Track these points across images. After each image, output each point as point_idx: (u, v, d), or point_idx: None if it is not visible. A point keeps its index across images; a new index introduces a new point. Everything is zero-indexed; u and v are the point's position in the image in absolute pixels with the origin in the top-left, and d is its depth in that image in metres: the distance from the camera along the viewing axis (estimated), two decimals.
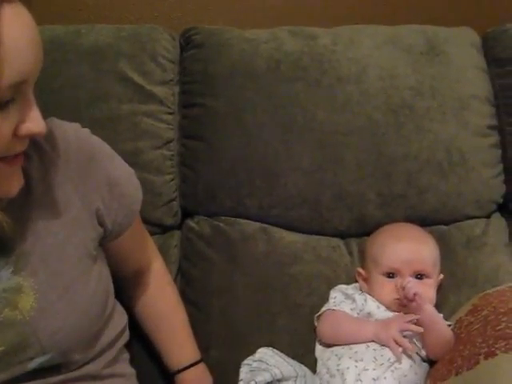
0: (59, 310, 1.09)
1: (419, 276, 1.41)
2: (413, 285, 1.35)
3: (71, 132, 1.16)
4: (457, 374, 1.17)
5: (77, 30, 1.58)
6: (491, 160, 1.59)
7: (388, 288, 1.40)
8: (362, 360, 1.30)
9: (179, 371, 1.39)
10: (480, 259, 1.54)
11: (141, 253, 1.37)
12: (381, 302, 1.41)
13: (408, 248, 1.43)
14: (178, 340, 1.42)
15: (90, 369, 1.18)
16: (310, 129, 1.53)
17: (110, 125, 1.53)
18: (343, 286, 1.47)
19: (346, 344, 1.36)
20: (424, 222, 1.54)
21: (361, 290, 1.47)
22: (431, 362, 1.35)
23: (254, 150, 1.53)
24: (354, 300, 1.42)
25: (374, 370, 1.29)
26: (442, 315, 1.38)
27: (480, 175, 1.56)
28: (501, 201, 1.61)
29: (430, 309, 1.35)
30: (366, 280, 1.46)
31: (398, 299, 1.37)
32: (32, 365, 1.09)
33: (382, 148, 1.53)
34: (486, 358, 1.12)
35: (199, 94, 1.59)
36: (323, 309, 1.43)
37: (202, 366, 1.42)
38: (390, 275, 1.41)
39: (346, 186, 1.53)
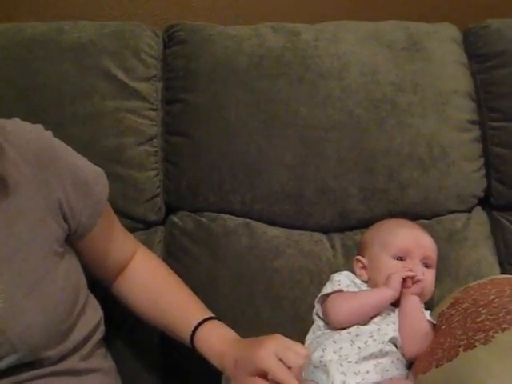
0: (27, 309, 1.09)
1: (425, 264, 1.42)
2: (421, 269, 1.38)
3: (33, 133, 1.16)
4: (437, 366, 1.17)
5: (59, 27, 1.58)
6: (472, 154, 1.60)
7: (396, 269, 1.40)
8: (346, 355, 1.31)
9: (195, 329, 1.28)
10: (461, 253, 1.55)
11: (119, 247, 1.35)
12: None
13: (419, 234, 1.46)
14: (183, 307, 1.34)
15: (64, 365, 1.18)
16: (292, 124, 1.53)
17: (94, 121, 1.53)
18: (349, 273, 1.47)
19: (360, 319, 1.35)
20: (406, 217, 1.54)
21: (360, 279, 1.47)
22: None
23: (236, 146, 1.54)
24: (360, 289, 1.43)
25: (357, 363, 1.29)
26: (426, 312, 1.39)
27: (461, 170, 1.57)
28: (482, 195, 1.62)
29: (416, 299, 1.36)
30: (365, 268, 1.47)
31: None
32: (2, 364, 1.09)
33: (363, 143, 1.54)
34: (465, 349, 1.13)
35: (182, 90, 1.59)
36: (326, 291, 1.42)
37: (219, 323, 1.31)
38: (399, 258, 1.42)
39: (328, 180, 1.53)
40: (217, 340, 1.26)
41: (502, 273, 1.56)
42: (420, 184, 1.54)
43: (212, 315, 1.31)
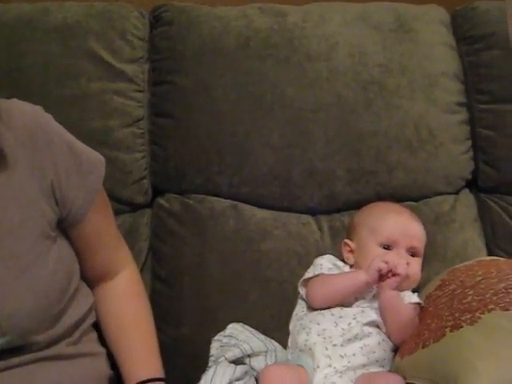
0: (16, 292, 1.09)
1: (411, 253, 1.42)
2: (407, 260, 1.38)
3: (30, 114, 1.15)
4: (424, 347, 1.17)
5: (45, 8, 1.57)
6: (460, 136, 1.60)
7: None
8: (330, 337, 1.31)
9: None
10: (449, 235, 1.55)
11: (109, 252, 1.32)
12: None
13: (408, 222, 1.45)
14: (139, 353, 1.30)
15: (53, 350, 1.17)
16: (279, 106, 1.53)
17: (80, 103, 1.53)
18: (331, 256, 1.47)
19: (337, 301, 1.36)
20: (393, 199, 1.54)
21: (345, 263, 1.47)
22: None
23: (223, 128, 1.54)
24: (342, 272, 1.43)
25: (342, 346, 1.30)
26: (413, 294, 1.40)
27: (449, 151, 1.57)
28: (469, 177, 1.62)
29: (392, 294, 1.35)
30: (352, 252, 1.47)
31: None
32: None
33: (351, 124, 1.53)
34: (451, 330, 1.13)
35: (169, 72, 1.59)
36: (308, 274, 1.43)
37: None
38: (386, 247, 1.42)
39: (316, 162, 1.53)
40: None
41: (488, 255, 1.56)
42: (407, 166, 1.54)
43: (159, 376, 1.28)
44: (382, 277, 1.35)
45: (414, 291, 1.41)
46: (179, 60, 1.58)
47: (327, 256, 1.47)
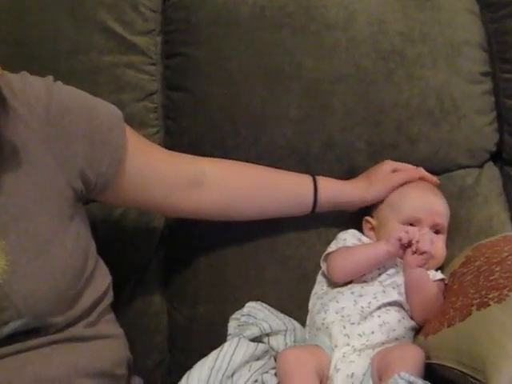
0: (33, 272, 1.07)
1: (435, 230, 1.39)
2: (431, 237, 1.33)
3: (42, 87, 1.13)
4: (449, 326, 1.15)
5: None
6: (484, 107, 1.56)
7: None
8: (348, 315, 1.29)
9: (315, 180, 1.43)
10: (472, 210, 1.52)
11: (170, 176, 1.31)
12: None
13: (431, 199, 1.42)
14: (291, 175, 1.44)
15: (70, 332, 1.15)
16: (296, 77, 1.49)
17: (91, 77, 1.51)
18: (356, 231, 1.45)
19: (358, 274, 1.35)
20: None
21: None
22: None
23: (239, 100, 1.51)
24: None
25: (360, 324, 1.27)
26: (437, 272, 1.37)
27: (472, 123, 1.53)
28: (494, 149, 1.58)
29: (420, 272, 1.31)
30: (373, 229, 1.44)
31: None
32: (7, 329, 1.06)
33: (371, 96, 1.49)
34: (478, 308, 1.10)
35: (182, 44, 1.56)
36: (331, 249, 1.41)
37: None
38: (408, 225, 1.38)
39: (335, 135, 1.50)
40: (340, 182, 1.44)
41: None
42: (430, 138, 1.50)
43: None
44: (405, 249, 1.32)
45: (437, 269, 1.39)
46: (192, 31, 1.54)
47: (351, 231, 1.45)
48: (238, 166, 1.41)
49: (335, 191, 1.43)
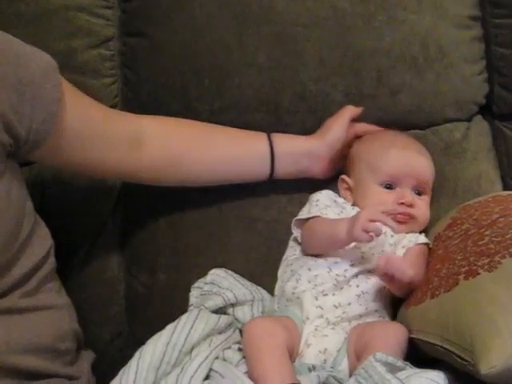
0: None
1: (417, 192, 1.33)
2: (413, 199, 1.29)
3: None
4: (433, 297, 1.09)
5: None
6: (473, 55, 1.48)
7: (384, 199, 1.30)
8: (321, 284, 1.22)
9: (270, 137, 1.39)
10: (459, 167, 1.46)
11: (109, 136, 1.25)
12: None
13: (413, 157, 1.35)
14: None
15: (3, 303, 1.09)
16: (266, 20, 1.43)
17: (39, 22, 1.47)
18: (330, 192, 1.37)
19: (321, 253, 1.26)
20: (397, 126, 1.44)
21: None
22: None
23: (202, 46, 1.45)
24: (343, 209, 1.32)
25: (335, 295, 1.21)
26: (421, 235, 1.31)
27: (460, 72, 1.45)
28: (483, 102, 1.51)
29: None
30: (350, 190, 1.36)
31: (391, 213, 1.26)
32: None
33: (348, 42, 1.43)
34: (466, 277, 1.04)
35: None
36: (303, 214, 1.33)
37: None
38: (388, 186, 1.32)
39: (309, 85, 1.44)
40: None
41: (504, 189, 1.46)
42: (413, 89, 1.44)
43: None
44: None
45: (420, 232, 1.32)
46: None
47: (325, 191, 1.37)
48: (184, 124, 1.38)
49: (289, 142, 1.39)
